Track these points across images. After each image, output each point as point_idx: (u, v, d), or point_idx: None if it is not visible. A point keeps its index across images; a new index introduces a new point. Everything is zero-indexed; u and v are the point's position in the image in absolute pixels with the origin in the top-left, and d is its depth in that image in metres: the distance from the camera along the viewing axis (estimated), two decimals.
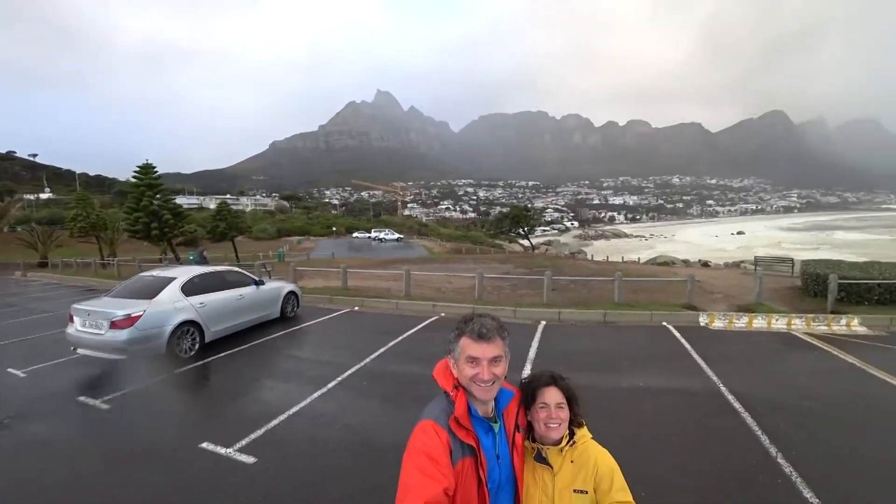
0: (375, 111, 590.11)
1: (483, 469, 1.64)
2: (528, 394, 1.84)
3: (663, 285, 15.72)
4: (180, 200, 50.75)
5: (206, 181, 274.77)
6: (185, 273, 8.66)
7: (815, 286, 13.02)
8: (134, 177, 31.34)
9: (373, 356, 8.09)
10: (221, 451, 4.62)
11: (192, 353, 7.88)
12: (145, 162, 30.89)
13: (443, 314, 12.24)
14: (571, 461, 1.77)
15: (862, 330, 10.23)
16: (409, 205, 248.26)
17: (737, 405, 5.82)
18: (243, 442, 4.79)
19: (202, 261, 13.96)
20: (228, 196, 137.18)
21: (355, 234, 78.85)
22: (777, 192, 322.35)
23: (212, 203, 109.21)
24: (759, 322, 10.71)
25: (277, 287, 11.02)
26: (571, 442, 1.81)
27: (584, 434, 1.84)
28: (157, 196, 30.55)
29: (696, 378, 7.03)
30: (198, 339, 8.05)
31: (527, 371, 7.13)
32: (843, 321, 10.49)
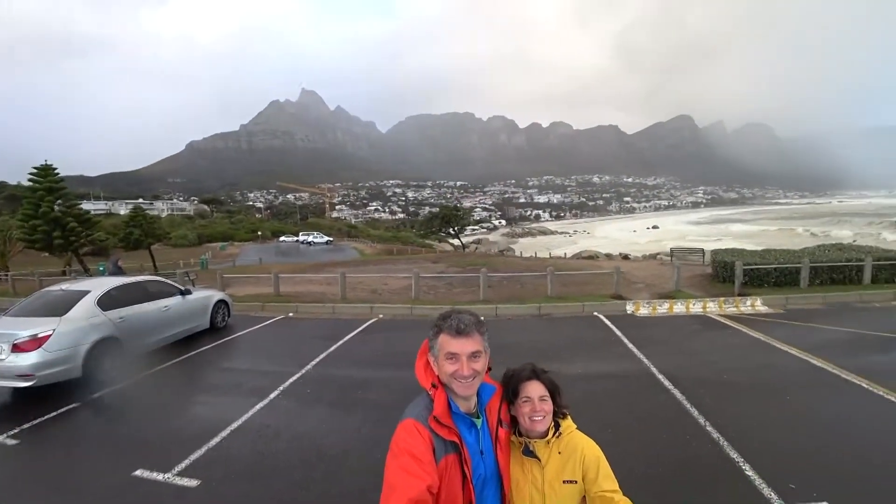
0: (300, 110, 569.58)
1: (467, 465, 1.65)
2: (510, 389, 1.85)
3: (591, 278, 16.56)
4: (86, 206, 46.37)
5: (114, 184, 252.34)
6: (100, 285, 7.90)
7: (724, 272, 14.30)
8: (30, 180, 28.23)
9: (314, 362, 7.86)
10: (159, 477, 4.25)
11: (113, 373, 7.19)
12: (44, 163, 27.91)
13: (381, 316, 12.13)
14: (559, 452, 1.79)
15: (764, 309, 11.41)
16: (337, 206, 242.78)
17: (667, 383, 6.31)
18: (183, 464, 4.45)
19: (118, 271, 12.84)
20: (141, 200, 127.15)
21: (282, 239, 75.92)
22: (686, 189, 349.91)
23: (122, 208, 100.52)
24: (678, 307, 11.61)
25: (206, 296, 10.37)
26: (557, 433, 1.82)
27: (568, 425, 1.87)
28: (59, 201, 27.67)
29: (630, 362, 7.52)
30: (119, 357, 7.37)
31: None
32: (749, 302, 11.64)
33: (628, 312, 11.59)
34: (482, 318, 1.80)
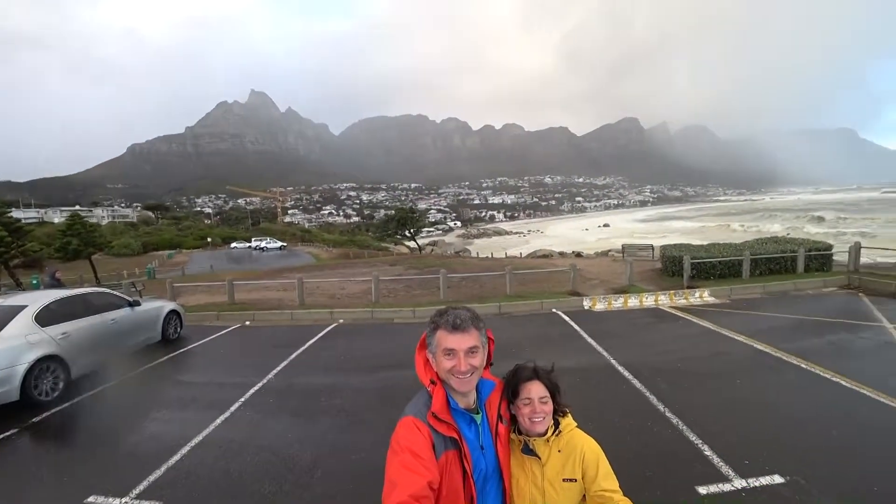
0: (249, 112, 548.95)
1: (467, 461, 1.66)
2: (511, 388, 1.85)
3: (548, 276, 16.98)
4: (16, 214, 43.07)
5: (46, 191, 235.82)
6: (37, 300, 7.34)
7: (673, 267, 14.99)
8: None
9: (275, 371, 7.66)
10: (115, 502, 4.00)
11: (57, 394, 6.69)
12: None
13: (341, 321, 11.97)
14: (559, 451, 1.79)
15: (711, 300, 12.07)
16: (289, 211, 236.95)
17: (626, 374, 6.59)
18: (142, 486, 4.21)
19: (55, 284, 12.04)
20: (79, 207, 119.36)
21: (234, 245, 73.13)
22: (634, 189, 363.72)
23: (56, 216, 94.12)
24: (633, 301, 12.08)
25: (156, 307, 9.87)
26: (557, 431, 1.82)
27: (569, 423, 1.87)
28: None
29: (590, 355, 7.79)
30: (62, 376, 6.88)
31: None
32: (697, 294, 12.26)
33: (585, 308, 11.95)
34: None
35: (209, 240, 78.13)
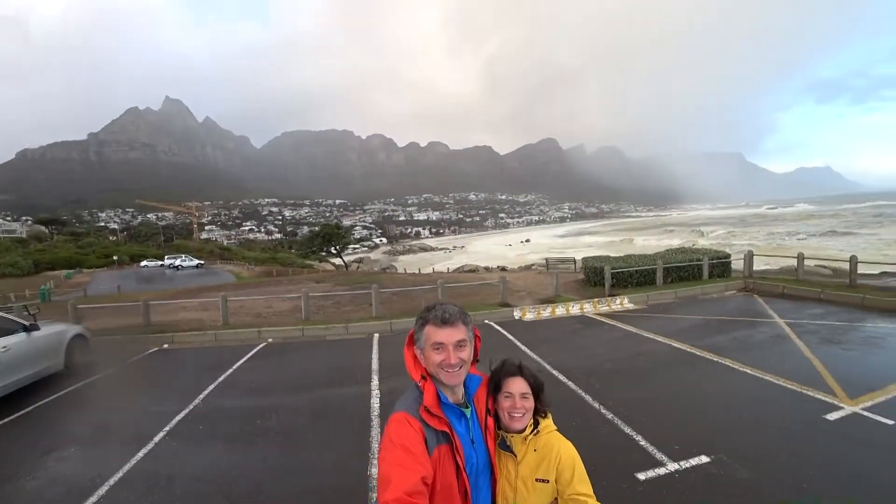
0: (163, 120, 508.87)
1: (459, 455, 1.67)
2: (494, 382, 1.87)
3: (478, 288, 17.34)
4: None
5: None
6: None
7: (595, 277, 15.94)
8: None
9: (202, 396, 7.14)
10: None
11: None
12: None
13: (270, 340, 11.45)
14: (535, 450, 1.80)
15: (631, 306, 12.96)
16: (207, 227, 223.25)
17: (562, 377, 6.91)
18: None
19: None
20: None
21: (144, 263, 66.92)
22: (553, 205, 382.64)
23: None
24: (560, 310, 12.67)
25: (58, 331, 8.83)
26: (535, 431, 1.83)
27: (548, 424, 1.88)
28: None
29: (525, 361, 8.01)
30: None
31: (374, 383, 7.25)
32: (618, 301, 13.11)
33: (516, 318, 12.36)
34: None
35: (115, 258, 71.19)
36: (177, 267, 59.02)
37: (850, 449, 4.43)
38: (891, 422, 4.88)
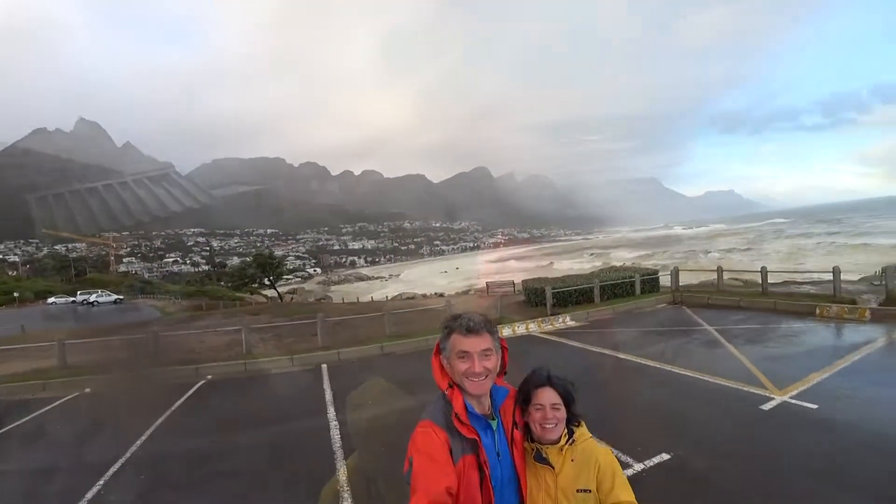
0: (77, 143, 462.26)
1: (485, 465, 1.66)
2: (523, 394, 1.84)
3: (422, 314, 17.31)
4: None
5: None
6: None
7: (535, 297, 16.47)
8: None
9: (139, 442, 6.50)
10: None
11: None
12: None
13: (210, 376, 10.78)
14: (572, 460, 1.76)
15: (573, 323, 13.52)
16: (125, 259, 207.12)
17: None
18: None
19: None
20: None
21: (52, 300, 60.18)
22: (487, 232, 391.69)
23: None
24: (506, 331, 12.92)
25: None
26: (571, 440, 1.79)
27: (583, 433, 1.84)
28: None
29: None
30: None
31: (331, 414, 7.03)
32: (561, 319, 13.64)
33: None
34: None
35: (16, 294, 63.75)
36: (91, 303, 53.67)
37: (786, 432, 5.03)
38: (815, 406, 5.61)
